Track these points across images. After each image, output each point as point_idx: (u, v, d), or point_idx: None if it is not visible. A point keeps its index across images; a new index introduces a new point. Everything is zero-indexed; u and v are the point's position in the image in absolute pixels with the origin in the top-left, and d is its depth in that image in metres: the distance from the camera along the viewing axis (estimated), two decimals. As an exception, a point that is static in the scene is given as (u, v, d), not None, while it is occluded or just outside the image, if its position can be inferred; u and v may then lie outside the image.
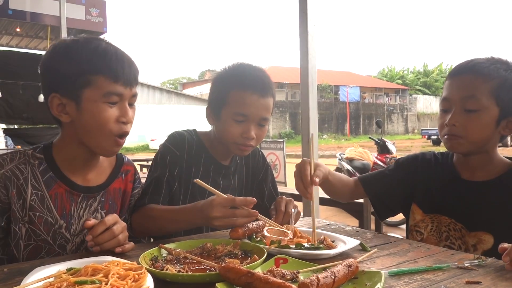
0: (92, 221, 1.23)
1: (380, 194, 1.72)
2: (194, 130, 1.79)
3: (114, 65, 1.28)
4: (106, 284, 0.88)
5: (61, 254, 1.36)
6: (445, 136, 1.50)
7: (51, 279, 0.93)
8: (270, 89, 1.66)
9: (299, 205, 1.75)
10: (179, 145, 1.68)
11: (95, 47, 1.29)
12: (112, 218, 1.26)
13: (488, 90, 1.43)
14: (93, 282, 0.89)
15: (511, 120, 1.46)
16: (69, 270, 0.98)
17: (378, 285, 0.94)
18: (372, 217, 4.35)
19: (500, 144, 1.57)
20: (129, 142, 28.48)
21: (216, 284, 0.91)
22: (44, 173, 1.36)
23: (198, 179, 1.40)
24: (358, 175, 2.70)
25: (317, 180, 1.42)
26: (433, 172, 1.63)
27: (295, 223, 1.51)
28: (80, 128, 1.31)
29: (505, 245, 1.14)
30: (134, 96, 1.35)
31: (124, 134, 1.33)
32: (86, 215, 1.41)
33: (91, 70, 1.26)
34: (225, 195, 1.33)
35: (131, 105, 1.36)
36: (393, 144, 8.12)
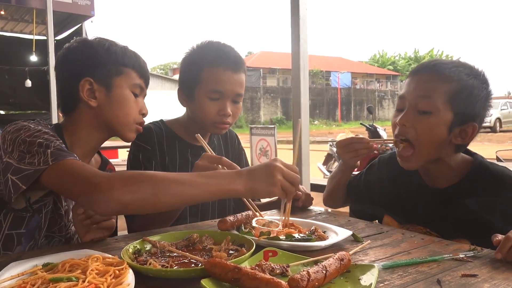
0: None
1: (357, 199, 1.76)
2: (161, 120, 1.75)
3: (142, 64, 1.47)
4: (84, 281, 0.83)
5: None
6: (397, 151, 1.47)
7: (25, 276, 0.87)
8: (242, 65, 1.67)
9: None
10: (148, 139, 1.63)
11: (125, 47, 1.46)
12: None
13: (445, 92, 1.36)
14: (69, 279, 0.83)
15: (464, 129, 1.39)
16: (45, 265, 0.93)
17: (372, 279, 0.90)
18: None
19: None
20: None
21: (201, 281, 0.86)
22: None
23: (198, 134, 1.43)
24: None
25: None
26: (400, 180, 1.57)
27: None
28: (107, 113, 1.39)
29: (499, 237, 1.09)
30: (146, 95, 1.52)
31: (143, 123, 1.48)
32: None
33: (125, 63, 1.41)
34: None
35: None
36: (384, 130, 8.13)
